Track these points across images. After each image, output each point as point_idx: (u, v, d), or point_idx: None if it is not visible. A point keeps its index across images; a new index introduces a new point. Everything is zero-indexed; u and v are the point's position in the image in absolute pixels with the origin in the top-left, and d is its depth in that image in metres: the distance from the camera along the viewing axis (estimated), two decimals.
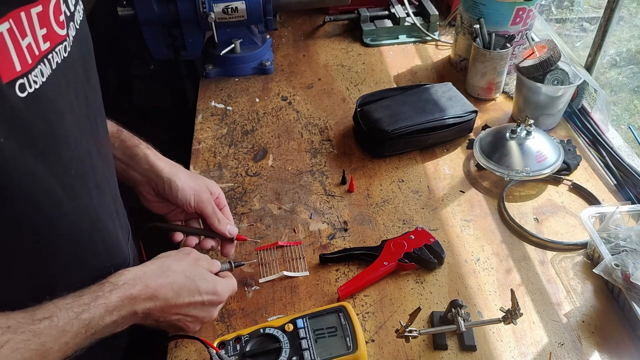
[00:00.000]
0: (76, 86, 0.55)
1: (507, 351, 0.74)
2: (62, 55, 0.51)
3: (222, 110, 1.21)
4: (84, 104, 0.57)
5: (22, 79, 0.45)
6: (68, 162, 0.53)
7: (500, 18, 1.17)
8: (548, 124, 1.11)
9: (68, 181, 0.53)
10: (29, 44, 0.45)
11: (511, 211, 0.94)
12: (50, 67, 0.49)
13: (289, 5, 1.32)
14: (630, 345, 0.74)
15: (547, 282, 0.83)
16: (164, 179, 0.76)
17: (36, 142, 0.48)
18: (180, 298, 0.65)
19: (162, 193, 0.77)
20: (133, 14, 1.18)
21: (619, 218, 0.85)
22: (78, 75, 0.55)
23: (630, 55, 1.73)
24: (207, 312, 0.70)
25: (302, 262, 0.86)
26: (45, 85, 0.48)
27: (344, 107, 1.21)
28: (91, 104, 0.59)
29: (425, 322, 0.78)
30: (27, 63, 0.45)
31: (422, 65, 1.35)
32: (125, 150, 0.76)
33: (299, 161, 1.06)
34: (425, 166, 1.05)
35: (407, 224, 0.93)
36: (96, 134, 0.61)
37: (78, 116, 0.55)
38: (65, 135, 0.52)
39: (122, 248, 0.69)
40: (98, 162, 0.61)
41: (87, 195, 0.58)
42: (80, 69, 0.56)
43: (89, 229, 0.59)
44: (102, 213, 0.62)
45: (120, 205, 0.72)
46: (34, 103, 0.46)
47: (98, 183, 0.61)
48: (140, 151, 0.76)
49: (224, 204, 0.83)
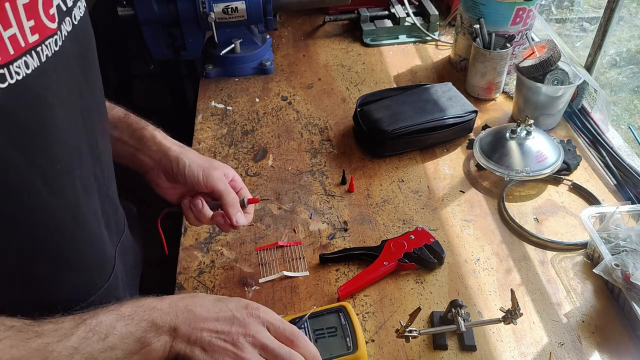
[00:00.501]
0: (69, 83, 0.54)
1: (507, 351, 0.74)
2: (52, 49, 0.50)
3: (222, 110, 1.21)
4: (78, 100, 0.56)
5: (1, 69, 0.44)
6: (53, 158, 0.52)
7: (500, 18, 1.17)
8: (548, 124, 1.11)
9: (52, 176, 0.52)
10: (12, 35, 0.45)
11: (511, 211, 0.94)
12: (38, 60, 0.48)
13: (289, 5, 1.32)
14: (630, 345, 0.74)
15: (547, 282, 0.83)
16: (171, 158, 0.73)
17: (17, 133, 0.47)
18: (209, 312, 0.57)
19: (171, 173, 0.74)
20: (133, 14, 1.18)
21: (619, 218, 0.85)
22: (72, 71, 0.54)
23: (630, 55, 1.73)
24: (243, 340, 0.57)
25: (302, 262, 0.86)
26: (30, 77, 0.47)
27: (344, 107, 1.21)
28: (87, 101, 0.58)
29: (425, 322, 0.78)
30: (8, 54, 0.44)
31: (422, 65, 1.35)
32: (133, 133, 0.74)
33: (299, 161, 1.06)
34: (425, 166, 1.05)
35: (407, 224, 0.93)
36: (90, 132, 0.59)
37: (69, 112, 0.54)
38: (53, 129, 0.51)
39: (107, 249, 0.67)
40: (88, 159, 0.59)
41: (72, 192, 0.56)
42: (75, 65, 0.55)
43: (72, 224, 0.57)
44: (88, 212, 0.60)
45: (113, 207, 0.70)
46: (16, 94, 0.46)
47: (84, 181, 0.59)
48: (147, 132, 0.75)
49: (240, 186, 0.78)
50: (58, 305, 0.58)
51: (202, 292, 0.82)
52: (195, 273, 0.85)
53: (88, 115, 0.58)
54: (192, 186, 0.74)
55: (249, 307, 0.59)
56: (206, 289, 0.82)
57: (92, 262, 0.63)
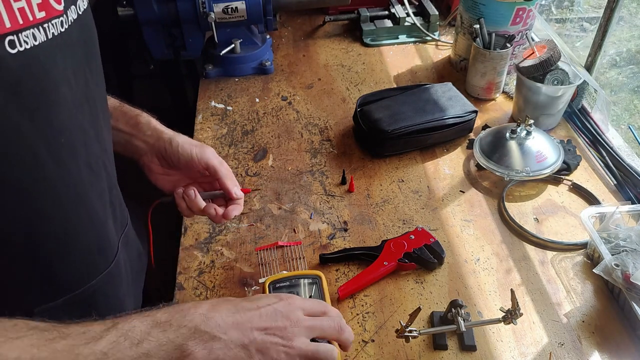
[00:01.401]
0: (75, 67, 0.55)
1: (507, 351, 0.74)
2: (58, 29, 0.51)
3: (222, 110, 1.21)
4: (84, 87, 0.57)
5: (11, 35, 0.45)
6: (58, 130, 0.53)
7: (500, 18, 1.17)
8: (548, 124, 1.11)
9: (56, 147, 0.53)
10: (21, 7, 0.46)
11: (511, 211, 0.94)
12: (45, 35, 0.49)
13: (289, 5, 1.32)
14: (630, 345, 0.74)
15: (547, 282, 0.83)
16: (164, 138, 0.74)
17: (24, 99, 0.48)
18: (251, 311, 0.54)
19: (164, 155, 0.74)
20: (133, 14, 1.18)
21: (619, 218, 0.85)
22: (78, 57, 0.55)
23: (630, 55, 1.73)
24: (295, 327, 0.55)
25: (302, 262, 0.86)
26: (37, 48, 0.48)
27: (344, 107, 1.21)
28: (92, 91, 0.59)
29: (425, 322, 0.78)
30: (17, 22, 0.46)
31: (422, 65, 1.35)
32: (128, 120, 0.75)
33: (299, 161, 1.06)
34: (425, 166, 1.05)
35: (407, 224, 0.93)
36: (95, 119, 0.60)
37: (75, 94, 0.55)
38: (58, 103, 0.52)
39: (110, 236, 0.67)
40: (94, 144, 0.60)
41: (76, 169, 0.57)
42: (80, 52, 0.56)
43: (75, 200, 0.58)
44: (93, 194, 0.61)
45: (118, 200, 0.71)
46: (25, 61, 0.47)
47: (91, 164, 0.60)
48: (143, 118, 0.76)
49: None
50: (60, 287, 0.58)
51: (202, 291, 0.82)
52: (195, 273, 0.85)
53: (93, 103, 0.59)
54: (186, 164, 0.74)
55: (281, 297, 0.57)
56: (206, 289, 0.82)
57: (95, 245, 0.63)
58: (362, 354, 0.73)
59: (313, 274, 0.78)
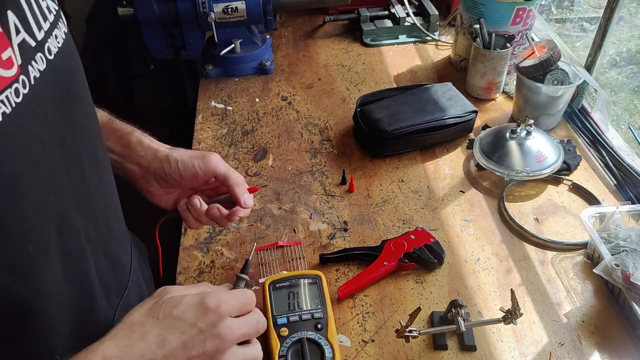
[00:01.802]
0: (43, 134, 0.46)
1: (507, 351, 0.74)
2: (12, 101, 0.41)
3: (222, 110, 1.21)
4: (58, 153, 0.48)
5: None
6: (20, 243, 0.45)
7: (500, 18, 1.17)
8: (548, 124, 1.11)
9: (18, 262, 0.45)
10: None
11: (511, 211, 0.94)
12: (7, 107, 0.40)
13: (289, 5, 1.32)
14: (630, 345, 0.74)
15: (547, 282, 0.83)
16: (161, 158, 0.69)
17: None
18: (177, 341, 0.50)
19: (163, 175, 0.69)
20: (133, 14, 1.18)
21: (619, 218, 0.85)
22: (48, 119, 0.46)
23: (630, 55, 1.73)
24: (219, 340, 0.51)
25: (302, 262, 0.86)
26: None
27: (344, 107, 1.21)
28: (71, 152, 0.50)
29: (425, 322, 0.78)
30: None
31: (422, 65, 1.35)
32: (119, 140, 0.70)
33: (299, 161, 1.06)
34: (425, 166, 1.05)
35: (407, 224, 0.93)
36: (78, 186, 0.52)
37: (43, 179, 0.46)
38: (17, 208, 0.43)
39: (99, 319, 0.59)
40: (71, 228, 0.52)
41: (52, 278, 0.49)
42: (52, 109, 0.47)
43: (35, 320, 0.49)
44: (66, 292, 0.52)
45: (112, 261, 0.62)
46: None
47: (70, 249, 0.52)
48: (134, 138, 0.71)
49: None
50: None
51: None
52: (195, 273, 0.85)
53: (75, 166, 0.52)
54: (190, 180, 0.70)
55: (207, 307, 0.52)
56: None
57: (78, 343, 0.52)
58: (362, 354, 0.73)
59: (313, 274, 0.78)
